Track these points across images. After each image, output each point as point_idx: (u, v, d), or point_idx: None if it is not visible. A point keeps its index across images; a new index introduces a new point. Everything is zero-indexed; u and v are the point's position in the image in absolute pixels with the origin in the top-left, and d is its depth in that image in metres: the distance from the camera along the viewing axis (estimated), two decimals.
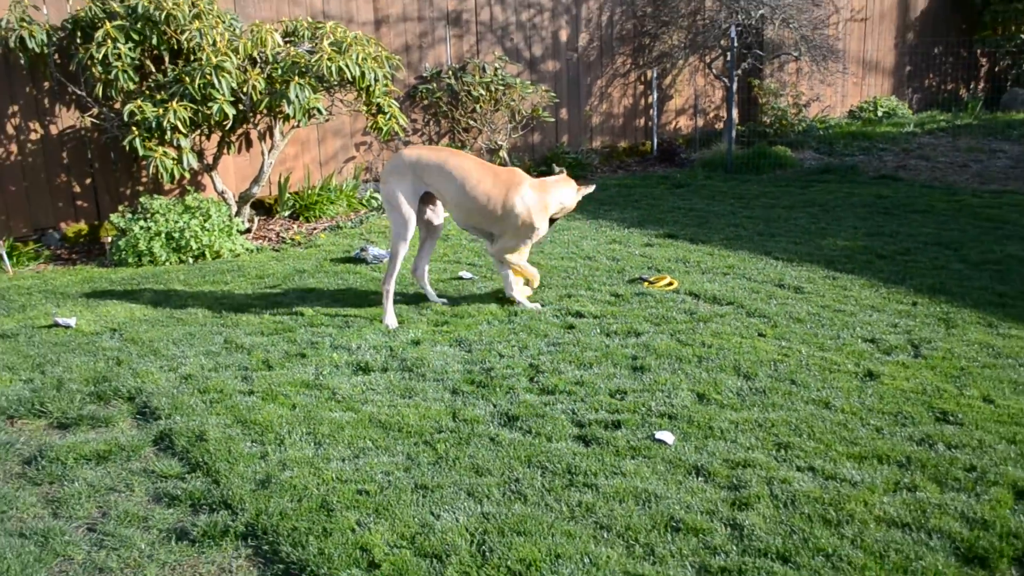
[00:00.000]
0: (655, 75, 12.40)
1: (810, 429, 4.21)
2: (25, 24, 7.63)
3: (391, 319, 5.89)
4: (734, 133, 11.88)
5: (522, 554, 3.27)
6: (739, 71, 12.03)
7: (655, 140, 12.61)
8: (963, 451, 3.97)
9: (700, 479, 3.80)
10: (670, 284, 6.48)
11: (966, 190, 9.83)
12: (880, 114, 14.41)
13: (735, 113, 12.16)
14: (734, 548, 3.30)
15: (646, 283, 6.54)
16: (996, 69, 16.40)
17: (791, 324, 5.65)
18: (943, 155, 11.90)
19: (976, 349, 5.16)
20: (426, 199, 6.16)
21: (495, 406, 4.54)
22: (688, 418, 4.33)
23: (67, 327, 5.98)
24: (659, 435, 4.13)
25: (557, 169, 9.96)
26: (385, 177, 6.05)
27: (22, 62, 7.86)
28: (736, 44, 11.62)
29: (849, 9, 14.25)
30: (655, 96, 12.50)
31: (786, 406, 4.47)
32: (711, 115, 13.24)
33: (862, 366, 4.94)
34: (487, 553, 3.30)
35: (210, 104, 7.65)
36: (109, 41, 7.51)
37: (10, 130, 8.08)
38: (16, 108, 8.10)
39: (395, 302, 6.27)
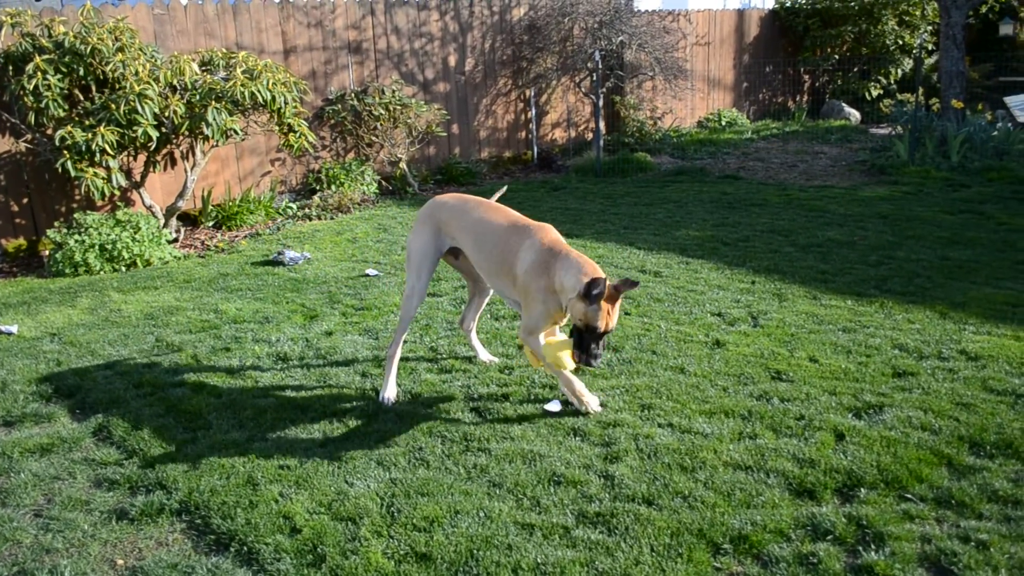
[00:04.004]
0: (533, 94, 12.47)
1: (668, 391, 4.32)
2: None
3: (390, 391, 4.36)
4: (602, 142, 12.04)
5: (426, 512, 3.27)
6: (604, 89, 12.20)
7: (535, 150, 12.68)
8: (794, 403, 4.13)
9: (577, 439, 3.87)
10: None
11: (794, 186, 10.16)
12: (723, 123, 14.79)
13: (602, 125, 12.32)
14: (607, 496, 3.37)
15: None
16: (816, 84, 17.02)
17: (652, 303, 5.77)
18: (775, 157, 12.28)
19: (804, 318, 5.36)
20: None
21: (400, 386, 4.52)
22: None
23: (9, 334, 5.71)
24: (548, 406, 4.17)
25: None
26: (414, 225, 4.52)
27: None
28: (600, 66, 11.77)
29: (694, 35, 14.58)
30: (534, 112, 12.58)
31: (648, 373, 4.57)
32: (582, 127, 13.39)
33: (711, 336, 5.09)
34: (395, 513, 3.30)
35: (135, 128, 7.41)
36: (39, 73, 7.20)
37: None
38: None
39: (306, 300, 6.17)
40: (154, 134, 7.49)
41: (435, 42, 11.36)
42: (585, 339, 3.81)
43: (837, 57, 16.29)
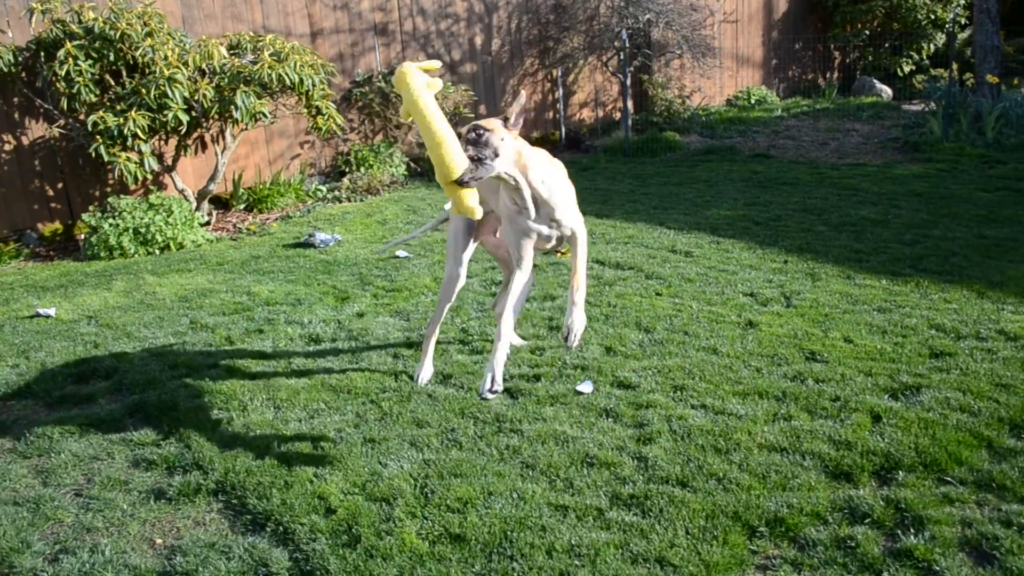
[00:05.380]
0: (560, 74, 12.37)
1: (701, 372, 4.27)
2: None
3: (426, 371, 4.24)
4: (630, 122, 11.93)
5: (459, 493, 3.27)
6: (631, 68, 12.07)
7: (563, 130, 12.59)
8: (829, 384, 4.07)
9: (610, 420, 3.84)
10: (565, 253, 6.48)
11: (826, 164, 10.02)
12: (753, 102, 14.58)
13: (630, 104, 12.20)
14: (641, 477, 3.35)
15: (559, 254, 6.54)
16: (847, 60, 16.72)
17: (683, 284, 5.72)
18: (806, 135, 12.10)
19: (838, 298, 5.28)
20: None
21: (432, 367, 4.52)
22: (598, 368, 4.36)
23: (48, 317, 5.78)
24: (579, 387, 4.14)
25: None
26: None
27: None
28: (628, 45, 11.64)
29: (722, 12, 14.37)
30: (561, 92, 12.48)
31: (680, 354, 4.53)
32: (610, 107, 13.27)
33: (743, 317, 5.03)
34: (429, 494, 3.30)
35: (165, 112, 7.45)
36: (70, 59, 7.24)
37: None
38: None
39: (338, 281, 6.19)
40: (184, 118, 7.53)
41: (461, 23, 11.29)
42: None
43: (868, 32, 15.99)
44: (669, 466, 3.40)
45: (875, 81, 15.41)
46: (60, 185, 8.25)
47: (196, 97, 7.62)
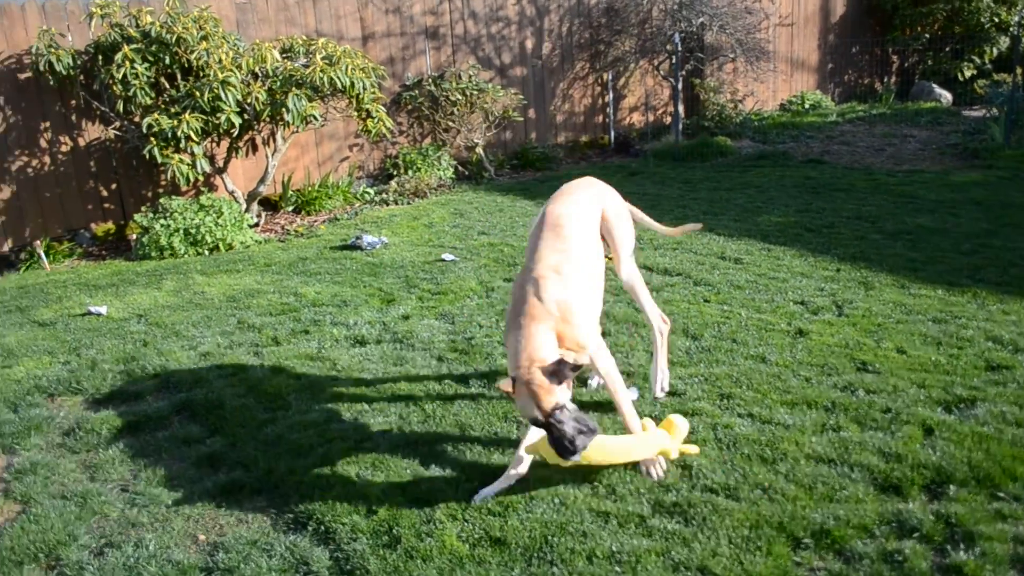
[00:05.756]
0: (610, 77, 12.35)
1: (749, 381, 4.23)
2: (53, 50, 7.53)
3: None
4: (680, 126, 11.86)
5: (500, 497, 3.28)
6: (683, 72, 12.00)
7: (612, 134, 12.56)
8: (880, 396, 4.00)
9: None
10: None
11: (882, 171, 9.85)
12: (807, 106, 14.39)
13: (681, 109, 12.13)
14: (684, 485, 3.33)
15: (605, 259, 6.52)
16: (905, 65, 16.43)
17: (732, 291, 5.67)
18: (862, 141, 11.92)
19: (891, 307, 5.19)
20: None
21: (475, 370, 4.54)
22: (644, 375, 4.34)
23: (99, 315, 5.92)
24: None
25: None
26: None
27: (51, 83, 7.77)
28: (680, 49, 11.57)
29: (777, 16, 14.22)
30: (611, 96, 12.46)
31: (728, 362, 4.49)
32: (660, 111, 13.21)
33: (793, 325, 4.97)
34: (470, 497, 3.31)
35: (218, 115, 7.60)
36: (127, 62, 7.43)
37: (43, 143, 7.98)
38: (47, 124, 8.00)
39: (383, 284, 6.24)
40: (237, 120, 7.67)
41: (512, 26, 11.33)
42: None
43: (928, 36, 15.69)
44: (713, 474, 3.37)
45: (934, 86, 15.11)
46: (114, 186, 8.46)
47: (248, 100, 7.77)
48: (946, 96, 14.83)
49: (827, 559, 2.87)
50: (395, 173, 10.03)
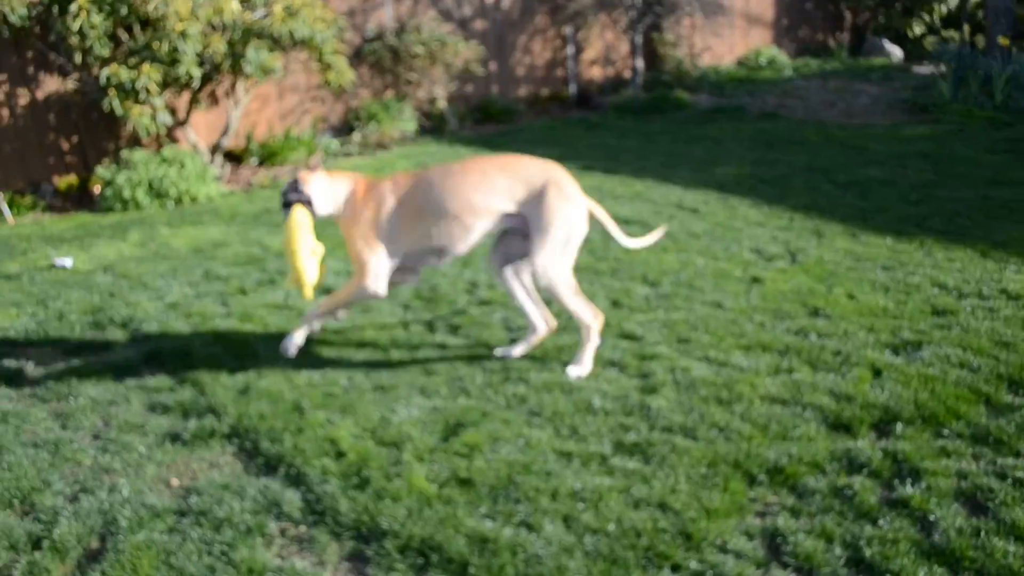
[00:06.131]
0: (571, 31, 12.24)
1: (706, 326, 4.29)
2: (6, 1, 7.26)
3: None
4: (640, 80, 11.84)
5: (466, 439, 3.31)
6: (642, 26, 11.93)
7: (573, 88, 12.50)
8: (831, 339, 4.08)
9: (615, 371, 3.87)
10: None
11: (834, 124, 9.93)
12: (762, 62, 14.42)
13: (640, 63, 12.08)
14: (644, 426, 3.38)
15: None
16: (858, 21, 16.49)
17: (689, 240, 5.71)
18: (815, 95, 11.98)
19: (842, 255, 5.27)
20: None
21: (439, 316, 4.55)
22: (605, 321, 4.38)
23: (64, 267, 5.81)
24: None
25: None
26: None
27: (6, 35, 7.50)
28: (639, 3, 11.50)
29: None
30: (572, 49, 12.36)
31: (686, 308, 4.54)
32: (620, 65, 13.14)
33: (748, 272, 5.03)
34: (437, 439, 3.34)
35: (178, 66, 7.40)
36: (83, 13, 7.19)
37: (0, 96, 7.74)
38: (4, 77, 7.75)
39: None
40: (196, 72, 7.49)
41: None
42: None
43: None
44: (672, 415, 3.43)
45: (885, 42, 15.21)
46: (75, 139, 8.25)
47: (208, 51, 7.58)
48: (897, 52, 14.94)
49: (781, 494, 2.95)
50: (358, 126, 9.89)
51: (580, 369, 3.83)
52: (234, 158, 9.17)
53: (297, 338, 4.15)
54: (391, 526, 2.82)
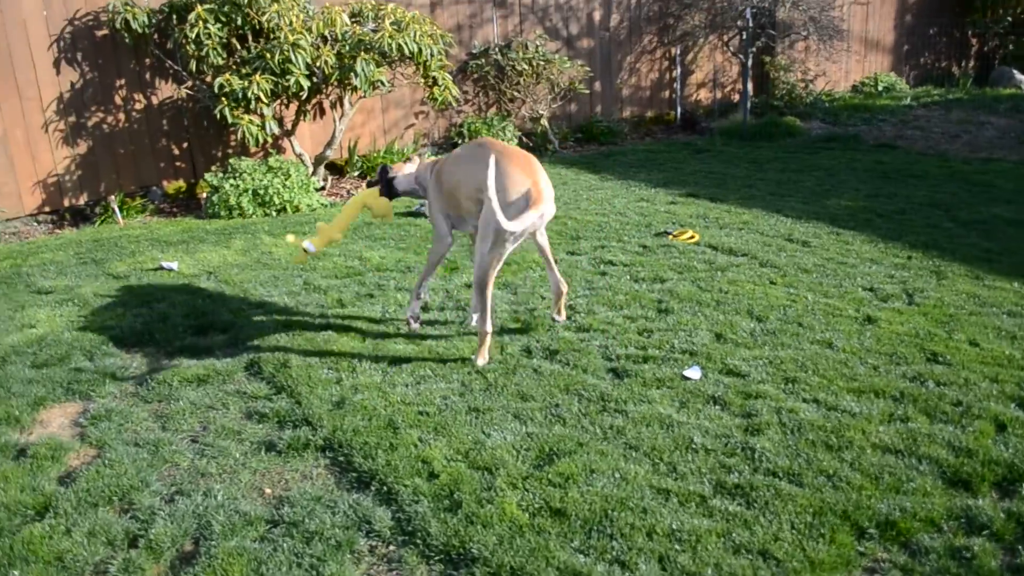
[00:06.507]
0: (678, 52, 12.16)
1: (815, 366, 4.17)
2: (128, 7, 7.66)
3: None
4: (749, 104, 11.65)
5: (561, 468, 3.28)
6: (753, 49, 11.76)
7: (679, 110, 12.39)
8: (951, 388, 3.91)
9: (717, 408, 3.79)
10: (692, 237, 6.40)
11: (957, 158, 9.57)
12: (880, 88, 14.03)
13: (750, 86, 11.91)
14: (747, 468, 3.30)
15: (671, 236, 6.47)
16: (985, 49, 15.89)
17: (799, 274, 5.57)
18: (937, 126, 11.58)
19: (964, 298, 5.06)
20: None
21: (538, 341, 4.54)
22: (707, 355, 4.30)
23: (170, 270, 6.05)
24: (687, 372, 4.10)
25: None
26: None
27: (127, 41, 7.90)
28: (751, 24, 11.35)
29: None
30: (679, 71, 12.27)
31: (794, 345, 4.43)
32: (728, 88, 12.98)
33: (862, 311, 4.87)
34: (531, 467, 3.32)
35: (288, 77, 7.65)
36: (200, 22, 7.52)
37: (118, 100, 8.13)
38: (122, 82, 8.14)
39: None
40: (305, 83, 7.72)
41: None
42: None
43: (1011, 19, 15.13)
44: (776, 458, 3.34)
45: (1015, 72, 14.60)
46: (185, 145, 8.60)
47: (318, 63, 7.81)
48: None
49: (892, 551, 2.83)
50: (459, 142, 10.02)
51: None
52: (336, 170, 9.41)
53: (414, 309, 4.75)
54: (481, 552, 2.82)
